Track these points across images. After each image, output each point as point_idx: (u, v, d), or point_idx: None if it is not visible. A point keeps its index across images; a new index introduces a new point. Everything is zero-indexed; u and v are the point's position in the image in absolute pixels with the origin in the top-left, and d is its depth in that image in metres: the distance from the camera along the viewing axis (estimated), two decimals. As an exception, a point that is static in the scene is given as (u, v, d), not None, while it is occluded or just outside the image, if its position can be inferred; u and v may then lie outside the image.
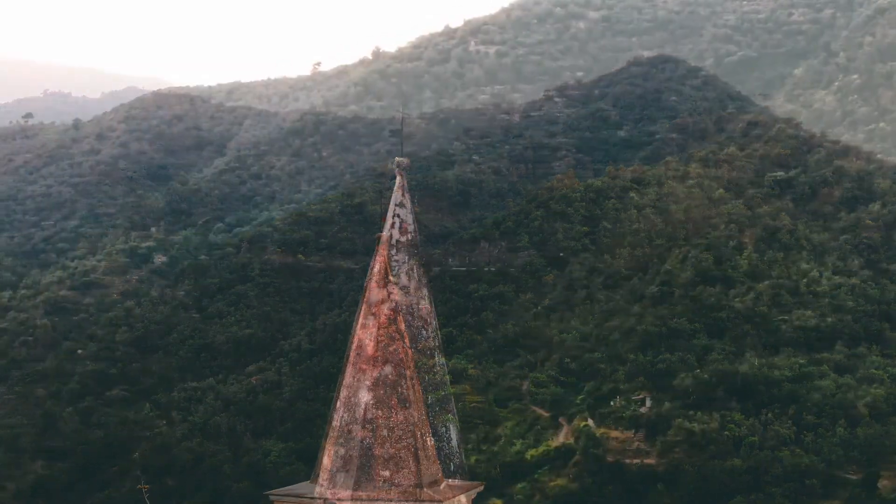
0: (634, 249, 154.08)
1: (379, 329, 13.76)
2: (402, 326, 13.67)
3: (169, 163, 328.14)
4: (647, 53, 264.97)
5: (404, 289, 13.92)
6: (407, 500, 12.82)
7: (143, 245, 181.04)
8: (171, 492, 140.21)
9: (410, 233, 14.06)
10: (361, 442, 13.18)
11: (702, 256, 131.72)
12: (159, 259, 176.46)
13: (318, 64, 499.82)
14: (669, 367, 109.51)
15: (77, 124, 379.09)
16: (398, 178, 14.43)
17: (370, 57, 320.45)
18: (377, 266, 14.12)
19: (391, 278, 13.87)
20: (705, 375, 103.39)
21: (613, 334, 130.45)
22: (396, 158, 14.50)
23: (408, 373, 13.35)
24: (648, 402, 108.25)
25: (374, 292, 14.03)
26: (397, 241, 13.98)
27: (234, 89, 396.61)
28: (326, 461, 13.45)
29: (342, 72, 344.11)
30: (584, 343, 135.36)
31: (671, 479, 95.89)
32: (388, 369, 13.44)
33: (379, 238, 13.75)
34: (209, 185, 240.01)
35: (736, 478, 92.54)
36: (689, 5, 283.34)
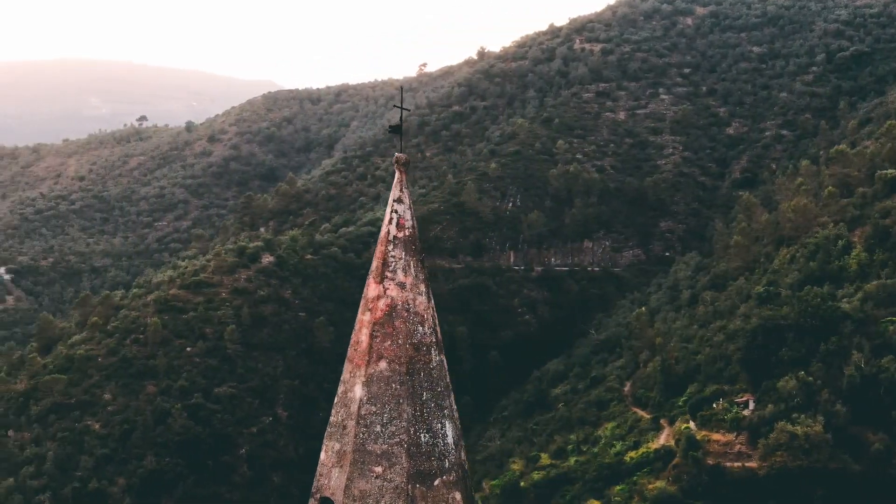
0: (741, 249, 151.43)
1: (374, 325, 13.85)
2: (398, 322, 13.72)
3: (279, 164, 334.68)
4: (756, 49, 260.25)
5: (401, 285, 13.94)
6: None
7: (252, 245, 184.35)
8: (276, 488, 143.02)
9: (408, 229, 14.05)
10: (355, 437, 13.28)
11: (810, 256, 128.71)
12: (267, 259, 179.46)
13: (424, 65, 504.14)
14: (774, 368, 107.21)
15: (189, 126, 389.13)
16: (397, 174, 14.42)
17: (475, 57, 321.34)
18: (374, 262, 14.21)
19: (388, 274, 13.95)
20: (810, 378, 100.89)
21: (718, 335, 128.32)
22: (395, 154, 14.46)
23: (402, 369, 13.40)
24: (752, 405, 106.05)
25: (370, 288, 14.13)
26: (394, 237, 14.01)
27: (341, 91, 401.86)
28: (323, 456, 13.60)
29: (447, 72, 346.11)
30: (688, 344, 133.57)
31: (773, 483, 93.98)
32: (382, 365, 13.50)
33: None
34: (317, 186, 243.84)
35: (841, 482, 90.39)
36: (800, 0, 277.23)
